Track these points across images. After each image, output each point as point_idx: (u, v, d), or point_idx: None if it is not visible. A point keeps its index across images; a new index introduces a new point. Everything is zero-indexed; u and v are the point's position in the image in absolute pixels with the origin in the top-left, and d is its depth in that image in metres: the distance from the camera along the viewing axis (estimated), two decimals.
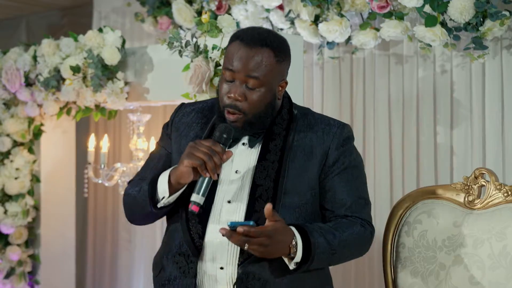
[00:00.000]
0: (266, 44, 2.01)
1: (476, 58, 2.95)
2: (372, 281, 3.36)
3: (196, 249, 2.02)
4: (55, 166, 4.14)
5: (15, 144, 4.06)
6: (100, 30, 3.54)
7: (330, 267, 2.25)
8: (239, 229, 1.86)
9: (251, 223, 1.89)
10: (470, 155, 3.09)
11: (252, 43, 2.01)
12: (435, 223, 2.45)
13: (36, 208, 4.11)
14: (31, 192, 4.08)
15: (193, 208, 1.96)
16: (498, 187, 2.40)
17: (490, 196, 2.41)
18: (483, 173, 2.44)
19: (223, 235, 1.88)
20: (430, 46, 3.03)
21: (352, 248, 2.13)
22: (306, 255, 1.98)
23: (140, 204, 2.08)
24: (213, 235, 2.03)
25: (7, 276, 4.06)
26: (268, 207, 1.90)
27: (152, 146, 3.69)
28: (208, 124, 2.13)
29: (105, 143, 3.81)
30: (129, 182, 2.20)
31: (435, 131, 3.21)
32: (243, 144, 2.11)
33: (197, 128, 2.14)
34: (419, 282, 2.43)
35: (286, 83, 2.14)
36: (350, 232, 2.09)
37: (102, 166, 3.75)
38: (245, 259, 2.01)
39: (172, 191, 2.03)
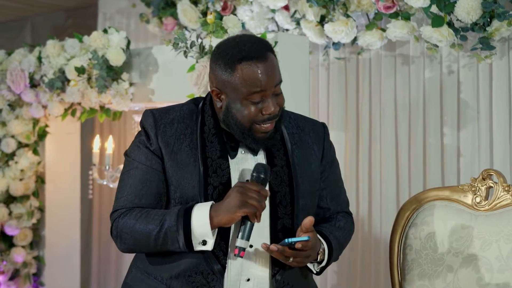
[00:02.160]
0: (268, 49, 1.99)
1: (483, 58, 2.93)
2: (378, 283, 3.34)
3: (222, 267, 1.99)
4: (60, 168, 4.14)
5: (20, 145, 4.06)
6: (105, 31, 3.53)
7: (333, 268, 2.25)
8: (298, 245, 1.90)
9: (307, 238, 1.92)
10: (477, 156, 3.07)
11: (262, 54, 1.95)
12: (443, 225, 2.43)
13: (41, 209, 4.10)
14: (35, 194, 4.08)
15: (241, 254, 1.94)
16: (506, 188, 2.38)
17: (498, 198, 2.39)
18: (491, 174, 2.42)
19: (266, 250, 1.92)
20: (437, 46, 3.02)
21: (348, 241, 2.21)
22: (328, 257, 2.07)
23: (159, 242, 1.98)
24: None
25: (12, 277, 4.06)
26: (311, 219, 1.95)
27: None
28: (194, 135, 2.05)
29: (110, 144, 3.81)
30: (115, 211, 2.03)
31: (442, 132, 3.19)
32: (242, 152, 2.05)
33: (187, 140, 2.04)
34: (426, 285, 2.42)
35: None
36: (348, 227, 2.19)
37: (107, 167, 3.75)
38: (279, 268, 2.03)
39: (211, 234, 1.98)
